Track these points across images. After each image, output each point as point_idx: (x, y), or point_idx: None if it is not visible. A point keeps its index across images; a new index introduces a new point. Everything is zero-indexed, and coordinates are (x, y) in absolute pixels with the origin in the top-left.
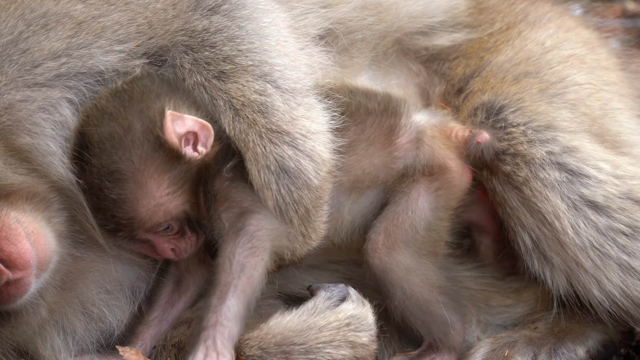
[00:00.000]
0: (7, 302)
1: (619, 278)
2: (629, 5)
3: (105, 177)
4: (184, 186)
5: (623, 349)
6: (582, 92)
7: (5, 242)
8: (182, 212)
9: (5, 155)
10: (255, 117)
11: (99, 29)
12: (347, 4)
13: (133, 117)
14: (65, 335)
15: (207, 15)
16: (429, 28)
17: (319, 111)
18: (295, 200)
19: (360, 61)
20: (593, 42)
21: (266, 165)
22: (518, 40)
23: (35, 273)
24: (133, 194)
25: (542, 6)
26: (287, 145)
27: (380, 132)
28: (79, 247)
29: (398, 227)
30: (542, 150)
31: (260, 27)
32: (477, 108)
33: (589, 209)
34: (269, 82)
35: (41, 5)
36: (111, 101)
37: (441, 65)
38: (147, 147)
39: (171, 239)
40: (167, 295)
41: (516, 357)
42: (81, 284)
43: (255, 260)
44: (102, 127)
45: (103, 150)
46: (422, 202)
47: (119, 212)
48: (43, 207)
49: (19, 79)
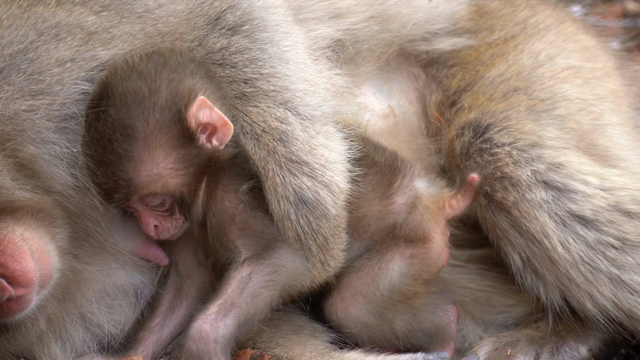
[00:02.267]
0: (6, 316)
1: (610, 292)
2: (629, 5)
3: (118, 129)
4: (188, 168)
5: (623, 349)
6: (572, 107)
7: (10, 259)
8: (179, 191)
9: (13, 170)
10: (276, 146)
11: (109, 38)
12: (355, 14)
13: (162, 83)
14: (63, 343)
15: (227, 34)
16: (431, 34)
17: (338, 140)
18: (314, 230)
19: (365, 70)
20: (591, 50)
21: (285, 196)
22: (513, 54)
23: (36, 290)
24: (139, 154)
25: (543, 11)
26: (306, 176)
27: (381, 184)
28: (79, 260)
29: (361, 279)
30: (528, 170)
31: (282, 51)
32: (464, 127)
33: (577, 224)
34: (290, 109)
35: (54, 16)
36: (144, 61)
37: (440, 71)
38: (166, 115)
39: (158, 215)
40: (168, 301)
41: (518, 356)
42: (80, 295)
43: (268, 293)
44: (128, 82)
45: (123, 103)
46: (393, 265)
47: (120, 169)
48: (48, 222)
49: (25, 88)
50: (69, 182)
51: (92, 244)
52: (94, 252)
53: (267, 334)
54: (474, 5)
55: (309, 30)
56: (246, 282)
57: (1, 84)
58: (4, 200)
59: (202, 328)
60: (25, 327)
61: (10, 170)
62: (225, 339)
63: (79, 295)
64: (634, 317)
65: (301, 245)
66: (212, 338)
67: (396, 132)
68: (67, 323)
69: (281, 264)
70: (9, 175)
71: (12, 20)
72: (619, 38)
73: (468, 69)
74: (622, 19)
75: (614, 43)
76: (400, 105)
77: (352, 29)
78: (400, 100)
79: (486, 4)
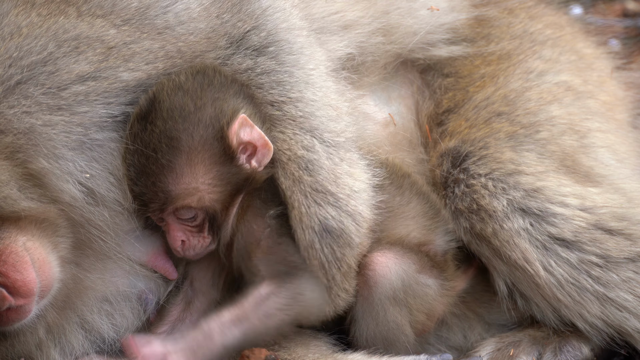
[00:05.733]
0: (5, 325)
1: (599, 309)
2: (629, 4)
3: (164, 141)
4: (226, 186)
5: (624, 349)
6: (555, 130)
7: (12, 269)
8: (212, 208)
9: (20, 180)
10: (302, 175)
11: (129, 54)
12: (362, 26)
13: (207, 101)
14: (62, 348)
15: (252, 55)
16: (431, 44)
17: (362, 167)
18: (338, 258)
19: (369, 80)
20: (588, 58)
21: (311, 226)
22: (504, 76)
23: (36, 300)
24: (181, 167)
25: (541, 19)
26: (331, 206)
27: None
28: (80, 267)
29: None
30: (504, 200)
31: (308, 75)
32: (444, 155)
33: (559, 247)
34: (316, 137)
35: (75, 27)
36: (190, 79)
37: (435, 78)
38: (209, 133)
39: (187, 231)
40: (177, 312)
41: (521, 356)
42: (81, 302)
43: (282, 316)
44: (175, 98)
45: (171, 117)
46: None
47: (161, 180)
48: (51, 232)
49: (43, 102)
50: (78, 197)
51: (95, 250)
52: (96, 258)
53: None
54: (474, 13)
55: (327, 48)
56: (264, 300)
57: (17, 97)
58: (10, 211)
59: (212, 328)
60: (24, 335)
61: (17, 180)
62: (226, 349)
63: (79, 302)
64: (624, 333)
65: (325, 273)
66: (219, 342)
67: (397, 142)
68: (67, 330)
69: (300, 292)
70: (16, 185)
71: (31, 30)
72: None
73: (459, 86)
74: (622, 18)
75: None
76: (399, 113)
77: (359, 41)
78: (399, 107)
79: (486, 12)
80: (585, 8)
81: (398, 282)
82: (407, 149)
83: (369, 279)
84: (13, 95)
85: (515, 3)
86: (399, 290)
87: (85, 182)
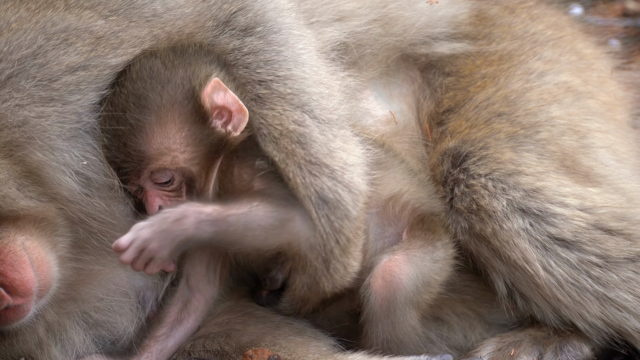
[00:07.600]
0: (4, 324)
1: (598, 310)
2: (629, 4)
3: (131, 100)
4: (199, 146)
5: (624, 349)
6: (555, 130)
7: (10, 269)
8: (188, 170)
9: (19, 178)
10: (294, 148)
11: (117, 42)
12: (358, 17)
13: (179, 63)
14: (63, 345)
15: (239, 35)
16: (432, 38)
17: (355, 143)
18: (337, 230)
19: (368, 74)
20: (588, 58)
21: (307, 196)
22: (505, 76)
23: (34, 300)
24: (151, 126)
25: (542, 20)
26: (326, 177)
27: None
28: (80, 264)
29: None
30: (503, 200)
31: (297, 54)
32: (444, 154)
33: (558, 247)
34: (306, 112)
35: (63, 20)
36: (165, 49)
37: (436, 77)
38: (180, 92)
39: (164, 195)
40: (175, 313)
41: (522, 356)
42: (80, 298)
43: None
44: (146, 61)
45: (139, 77)
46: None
47: (132, 140)
48: (50, 231)
49: (35, 94)
50: (76, 189)
51: (95, 247)
52: (96, 254)
53: (269, 336)
54: (475, 10)
55: (318, 33)
56: (250, 209)
57: (9, 90)
58: (8, 210)
59: (188, 214)
60: (24, 334)
61: (16, 178)
62: (192, 241)
63: (79, 299)
64: (624, 332)
65: (323, 246)
66: (190, 233)
67: (399, 139)
68: (67, 326)
69: (292, 218)
70: (15, 184)
71: (20, 24)
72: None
73: (460, 85)
74: (622, 18)
75: (614, 42)
76: (400, 110)
77: (355, 32)
78: (400, 104)
79: (487, 10)
80: (585, 8)
81: (419, 280)
82: (408, 147)
83: (389, 283)
84: (5, 89)
85: (515, 2)
86: (418, 290)
87: (82, 171)
